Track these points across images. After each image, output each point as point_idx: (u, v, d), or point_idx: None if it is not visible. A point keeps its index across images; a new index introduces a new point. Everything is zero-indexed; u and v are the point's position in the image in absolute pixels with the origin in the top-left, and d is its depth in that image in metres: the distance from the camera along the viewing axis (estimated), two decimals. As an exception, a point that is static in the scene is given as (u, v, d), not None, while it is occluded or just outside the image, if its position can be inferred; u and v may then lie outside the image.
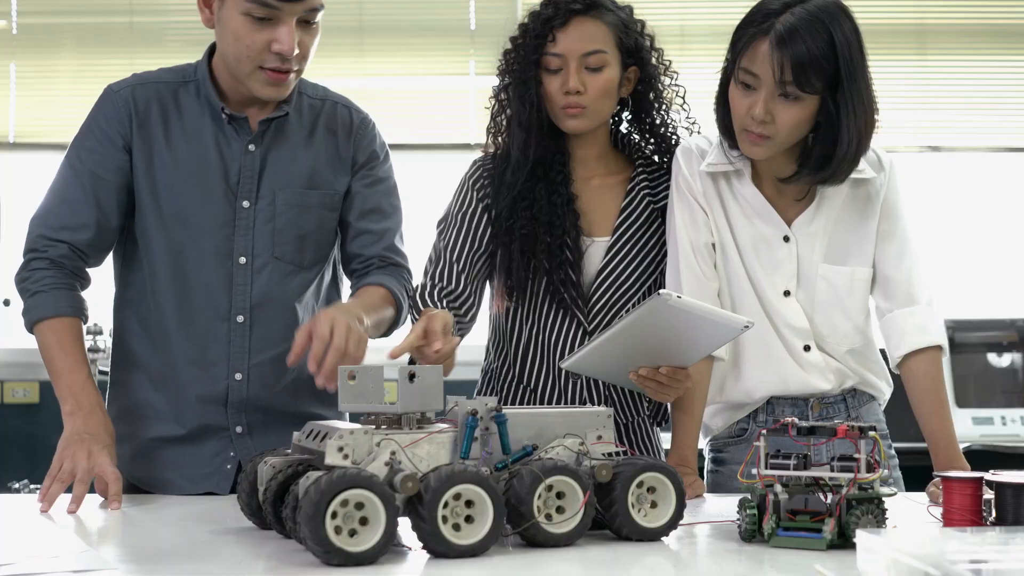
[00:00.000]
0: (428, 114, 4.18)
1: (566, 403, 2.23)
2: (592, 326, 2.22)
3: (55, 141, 4.61)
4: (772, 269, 2.16)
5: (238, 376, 2.08)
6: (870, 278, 2.19)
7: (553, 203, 2.22)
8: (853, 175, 2.12)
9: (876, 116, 2.06)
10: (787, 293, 2.15)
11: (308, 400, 2.11)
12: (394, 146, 4.58)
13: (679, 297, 1.75)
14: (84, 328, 2.09)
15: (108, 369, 2.20)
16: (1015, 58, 4.67)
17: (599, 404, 2.21)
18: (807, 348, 2.16)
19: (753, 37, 2.01)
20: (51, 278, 2.07)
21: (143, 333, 2.13)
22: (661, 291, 1.72)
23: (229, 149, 2.10)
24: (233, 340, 2.09)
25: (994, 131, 4.61)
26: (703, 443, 2.33)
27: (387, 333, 2.16)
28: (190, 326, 2.09)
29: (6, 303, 4.44)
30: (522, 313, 2.26)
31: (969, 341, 4.11)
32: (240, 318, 2.09)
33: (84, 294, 2.13)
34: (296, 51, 2.01)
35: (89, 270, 2.14)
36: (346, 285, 2.29)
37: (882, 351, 2.24)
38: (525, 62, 2.20)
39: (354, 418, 1.92)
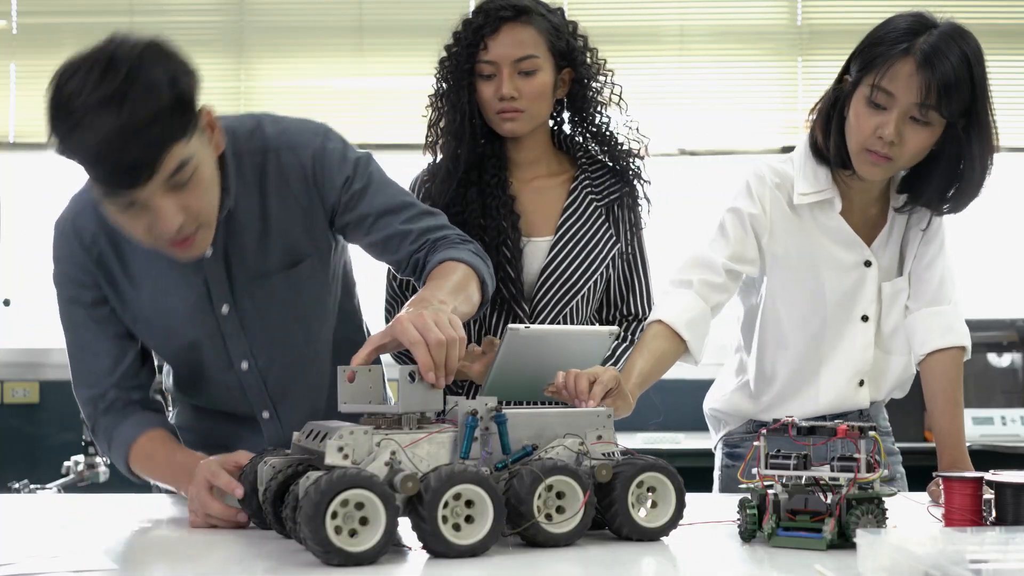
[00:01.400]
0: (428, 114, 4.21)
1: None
2: (537, 322, 2.24)
3: (55, 141, 4.61)
4: (854, 294, 2.17)
5: (265, 415, 1.99)
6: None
7: (487, 206, 2.25)
8: None
9: (997, 142, 2.10)
10: (865, 318, 2.17)
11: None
12: (394, 146, 4.59)
13: (527, 327, 1.77)
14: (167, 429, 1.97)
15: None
16: (1015, 58, 4.67)
17: None
18: (861, 383, 2.18)
19: (892, 56, 1.97)
20: (113, 418, 1.95)
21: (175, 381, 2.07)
22: (511, 325, 1.74)
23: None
24: (250, 392, 1.99)
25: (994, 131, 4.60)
26: (716, 439, 2.35)
27: (481, 307, 1.93)
28: (210, 413, 2.02)
29: (6, 303, 4.44)
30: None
31: (969, 341, 4.12)
32: (266, 414, 1.99)
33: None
34: (180, 219, 1.70)
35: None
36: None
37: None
38: (458, 70, 2.23)
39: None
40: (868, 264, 2.16)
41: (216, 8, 4.70)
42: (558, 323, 2.26)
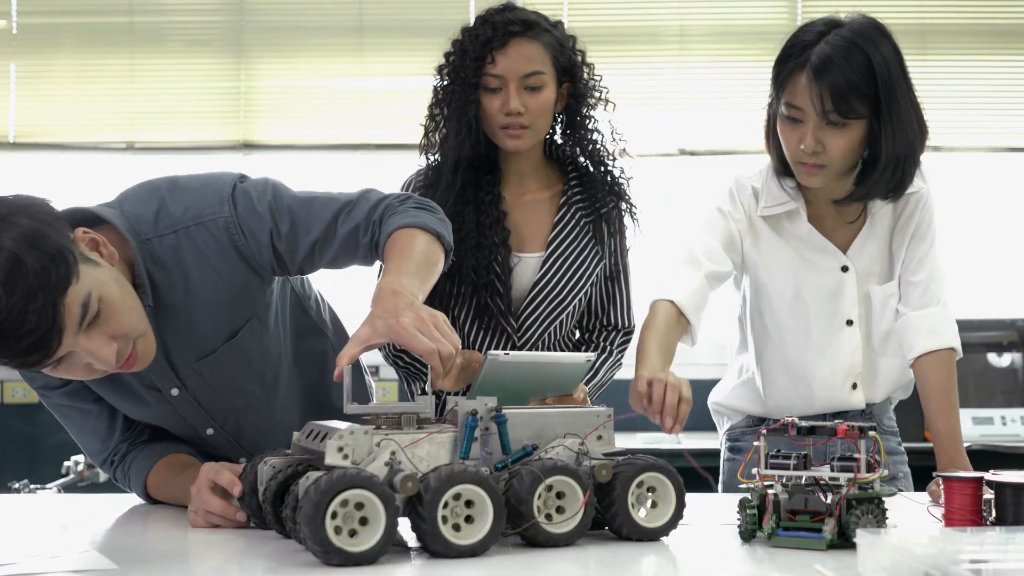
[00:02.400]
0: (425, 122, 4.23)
1: None
2: (523, 338, 2.26)
3: (55, 141, 4.62)
4: (834, 300, 2.17)
5: (242, 460, 1.96)
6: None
7: (481, 224, 2.24)
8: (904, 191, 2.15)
9: (926, 132, 2.07)
10: (849, 322, 2.17)
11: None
12: (394, 146, 4.59)
13: (507, 353, 1.77)
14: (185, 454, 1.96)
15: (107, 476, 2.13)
16: (1015, 58, 4.67)
17: None
18: (854, 386, 2.18)
19: (792, 71, 2.02)
20: (128, 461, 1.96)
21: None
22: (490, 352, 1.75)
23: None
24: (223, 449, 2.00)
25: (994, 131, 4.61)
26: (720, 433, 2.36)
27: (447, 261, 1.86)
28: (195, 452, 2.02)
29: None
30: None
31: (969, 341, 4.06)
32: (243, 459, 1.94)
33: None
34: (113, 348, 1.66)
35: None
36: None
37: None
38: (465, 84, 2.21)
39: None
40: (845, 269, 2.17)
41: (216, 8, 4.70)
42: (544, 339, 2.28)
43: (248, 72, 4.64)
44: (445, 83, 2.27)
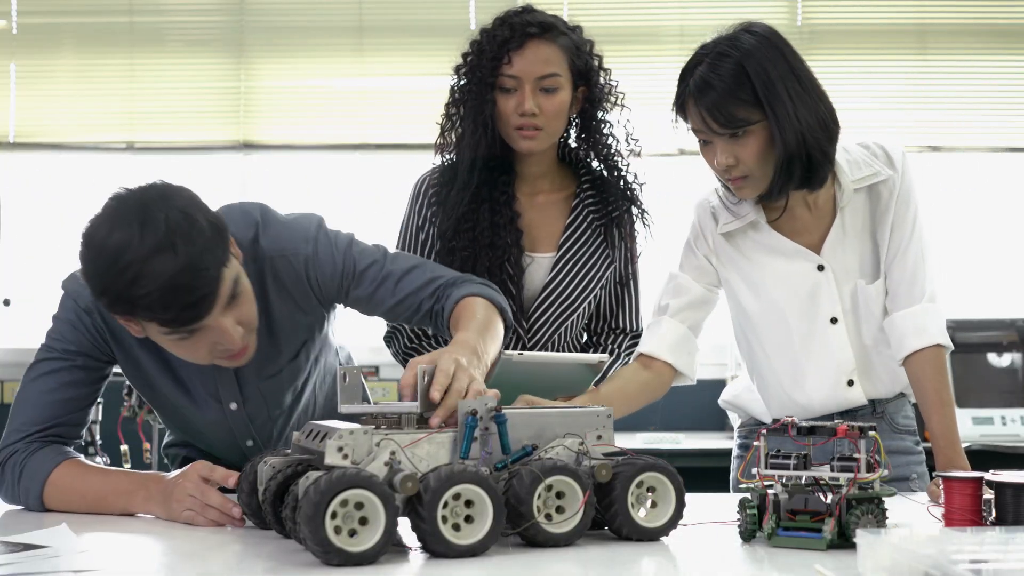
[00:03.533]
0: (428, 114, 4.23)
1: None
2: (533, 339, 2.26)
3: (55, 141, 4.61)
4: (813, 300, 2.16)
5: (249, 443, 2.09)
6: None
7: (496, 223, 2.25)
8: (868, 181, 2.13)
9: (829, 124, 2.04)
10: (834, 320, 2.16)
11: None
12: (393, 146, 4.60)
13: (520, 353, 1.80)
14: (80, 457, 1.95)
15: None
16: (1015, 58, 4.67)
17: None
18: (851, 383, 2.17)
19: (681, 97, 2.05)
20: (22, 456, 1.91)
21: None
22: (504, 351, 1.76)
23: None
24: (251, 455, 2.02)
25: (994, 131, 4.61)
26: (735, 428, 2.37)
27: (506, 335, 1.97)
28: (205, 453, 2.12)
29: (6, 303, 4.43)
30: None
31: (969, 341, 4.11)
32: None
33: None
34: (240, 332, 1.81)
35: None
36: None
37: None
38: (481, 84, 2.22)
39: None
40: (821, 268, 2.16)
41: (216, 8, 4.70)
42: (554, 340, 2.28)
43: (248, 72, 4.63)
44: (462, 82, 2.27)
